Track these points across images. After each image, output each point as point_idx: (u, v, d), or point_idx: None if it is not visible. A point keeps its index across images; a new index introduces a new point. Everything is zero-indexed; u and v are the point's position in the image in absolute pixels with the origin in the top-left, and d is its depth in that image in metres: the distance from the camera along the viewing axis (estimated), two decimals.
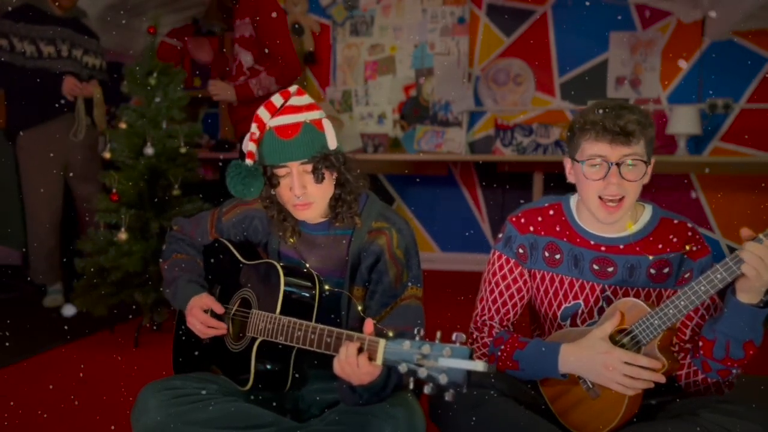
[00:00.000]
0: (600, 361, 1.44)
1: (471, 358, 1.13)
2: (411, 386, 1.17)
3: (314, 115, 1.51)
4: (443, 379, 1.13)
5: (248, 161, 1.49)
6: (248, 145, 1.49)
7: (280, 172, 1.50)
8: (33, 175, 3.47)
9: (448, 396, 1.14)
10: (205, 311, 1.59)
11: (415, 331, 1.20)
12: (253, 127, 1.49)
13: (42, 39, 3.43)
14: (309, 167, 1.49)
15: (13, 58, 3.38)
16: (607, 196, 1.50)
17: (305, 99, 1.52)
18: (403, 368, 1.18)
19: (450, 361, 1.13)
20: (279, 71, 3.17)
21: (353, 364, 1.28)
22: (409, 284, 1.56)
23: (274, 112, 1.50)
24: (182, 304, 1.64)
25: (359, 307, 1.55)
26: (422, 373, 1.15)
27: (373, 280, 1.56)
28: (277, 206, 1.59)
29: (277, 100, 1.50)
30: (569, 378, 1.54)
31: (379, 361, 1.23)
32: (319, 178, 1.50)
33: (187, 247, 1.79)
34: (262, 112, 1.49)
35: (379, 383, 1.35)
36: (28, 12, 3.41)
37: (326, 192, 1.54)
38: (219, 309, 1.59)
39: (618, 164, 1.47)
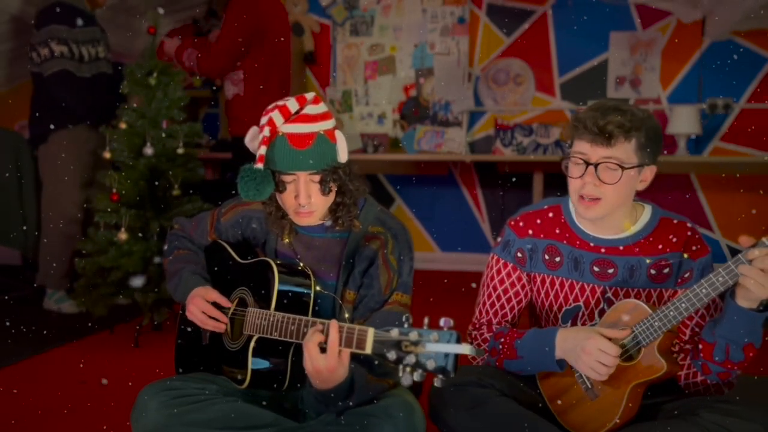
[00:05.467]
0: (581, 345, 1.45)
1: (459, 342, 1.14)
2: (400, 374, 1.17)
3: (327, 125, 1.51)
4: (431, 365, 1.14)
5: (260, 165, 1.47)
6: (260, 148, 1.47)
7: (287, 178, 1.50)
8: (59, 179, 3.37)
9: (437, 382, 1.15)
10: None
11: (404, 319, 1.20)
12: (266, 131, 1.47)
13: (84, 42, 3.35)
14: (317, 177, 1.50)
15: (75, 66, 3.28)
16: (584, 195, 1.50)
17: (320, 108, 1.52)
18: (392, 356, 1.18)
19: (437, 346, 1.14)
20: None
21: (334, 348, 1.28)
22: (397, 291, 1.56)
23: (288, 117, 1.48)
24: (184, 294, 1.61)
25: (346, 315, 1.55)
26: (411, 359, 1.16)
27: (364, 284, 1.57)
28: (276, 204, 1.59)
29: (292, 105, 1.48)
30: (567, 376, 1.54)
31: (368, 349, 1.23)
32: (326, 191, 1.51)
33: (188, 243, 1.80)
34: (276, 116, 1.47)
35: (343, 387, 1.36)
36: (71, 13, 3.29)
37: (329, 201, 1.55)
38: (225, 302, 1.57)
39: (596, 165, 1.48)
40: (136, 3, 4.26)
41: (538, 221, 1.66)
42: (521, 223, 1.68)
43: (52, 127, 3.35)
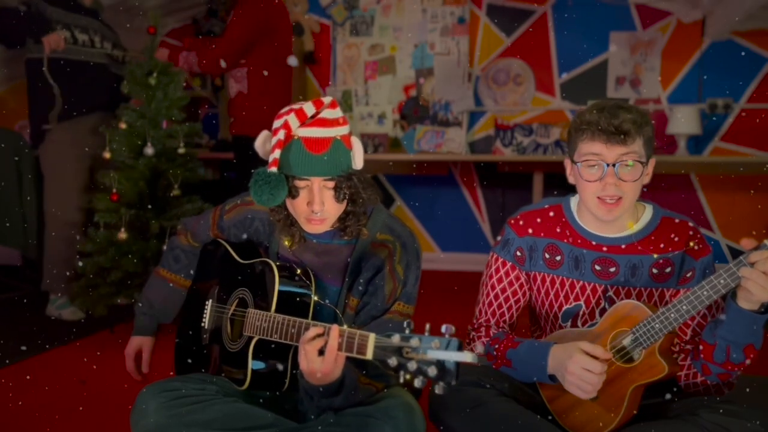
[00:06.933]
0: (565, 366, 1.44)
1: (460, 349, 1.12)
2: (401, 380, 1.16)
3: (344, 130, 1.47)
4: (432, 372, 1.13)
5: (273, 169, 1.42)
6: (274, 152, 1.42)
7: (300, 183, 1.45)
8: (60, 176, 3.34)
9: (438, 389, 1.13)
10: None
11: (405, 325, 1.19)
12: (281, 134, 1.43)
13: (76, 26, 3.33)
14: (331, 184, 1.46)
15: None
16: (604, 196, 1.50)
17: (337, 112, 1.47)
18: (393, 362, 1.17)
19: (439, 353, 1.13)
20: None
21: (332, 354, 1.28)
22: (399, 301, 1.54)
23: (304, 121, 1.44)
24: (134, 329, 1.86)
25: (345, 326, 1.54)
26: (412, 366, 1.15)
27: (368, 292, 1.54)
28: (286, 211, 1.55)
29: (309, 109, 1.44)
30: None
31: (369, 355, 1.22)
32: (340, 198, 1.47)
33: (173, 262, 1.82)
34: (292, 119, 1.43)
35: (333, 386, 1.36)
36: None
37: (341, 209, 1.51)
38: (146, 361, 1.83)
39: (614, 165, 1.48)
40: (136, 3, 4.26)
41: (538, 220, 1.66)
42: (521, 222, 1.67)
43: (45, 125, 3.33)
